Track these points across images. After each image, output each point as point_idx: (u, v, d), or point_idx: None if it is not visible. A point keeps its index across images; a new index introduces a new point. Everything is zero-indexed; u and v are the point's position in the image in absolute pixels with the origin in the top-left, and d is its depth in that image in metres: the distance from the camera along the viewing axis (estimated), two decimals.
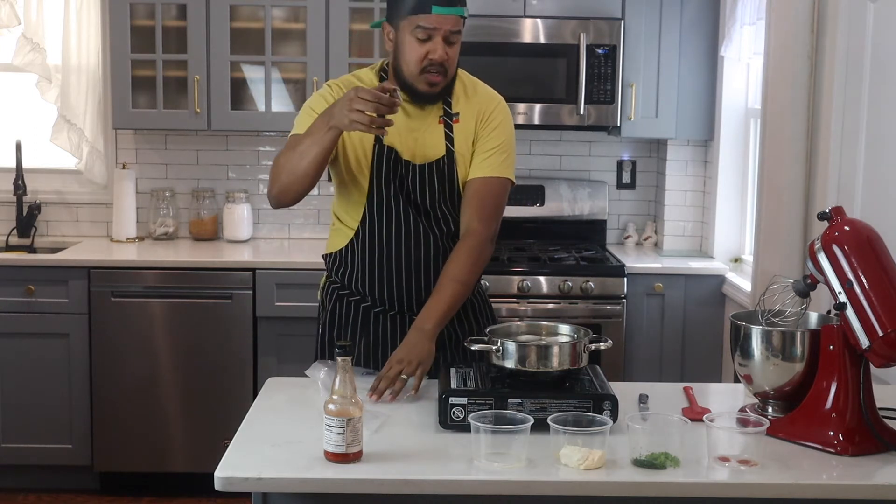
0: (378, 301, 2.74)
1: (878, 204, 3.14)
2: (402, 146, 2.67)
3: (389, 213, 2.68)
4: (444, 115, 2.70)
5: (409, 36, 2.60)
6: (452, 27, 2.60)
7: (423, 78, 2.62)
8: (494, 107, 2.75)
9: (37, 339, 4.32)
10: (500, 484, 1.98)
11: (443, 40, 2.59)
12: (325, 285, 2.88)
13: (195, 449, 4.34)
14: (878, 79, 3.17)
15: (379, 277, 2.72)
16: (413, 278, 2.71)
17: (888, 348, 2.11)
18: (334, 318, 2.80)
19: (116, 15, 4.53)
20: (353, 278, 2.76)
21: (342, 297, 2.80)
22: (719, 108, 4.61)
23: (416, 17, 2.58)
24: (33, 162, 4.83)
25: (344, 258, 2.77)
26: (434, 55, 2.59)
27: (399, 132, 2.64)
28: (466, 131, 2.71)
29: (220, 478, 1.97)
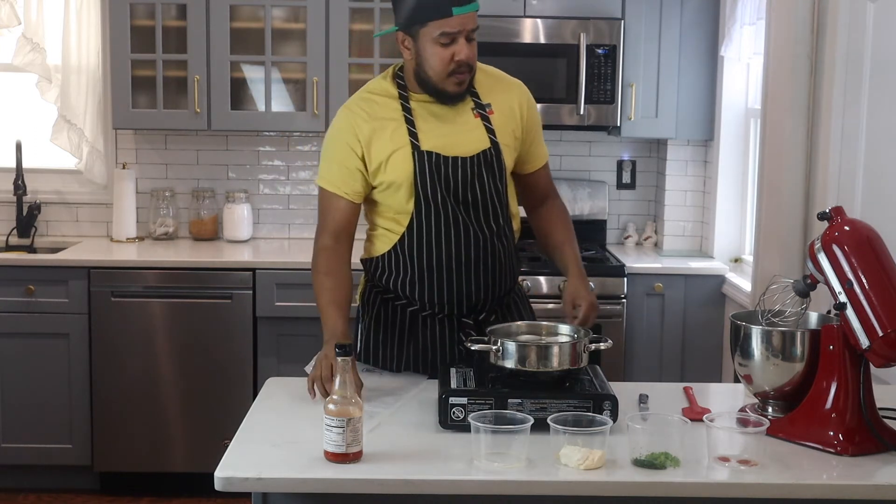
0: (427, 304, 2.71)
1: (878, 204, 3.14)
2: (442, 147, 2.63)
3: (438, 216, 2.65)
4: (477, 108, 2.68)
5: (431, 43, 2.56)
6: (473, 25, 2.57)
7: (451, 80, 2.59)
8: (526, 93, 2.77)
9: (37, 339, 4.32)
10: (500, 484, 1.98)
11: (465, 39, 2.56)
12: (366, 290, 2.85)
13: (195, 449, 4.34)
14: (878, 79, 3.17)
15: (429, 281, 2.69)
16: (464, 280, 2.68)
17: (888, 348, 2.11)
18: (379, 323, 2.77)
19: (116, 15, 4.53)
20: (399, 282, 2.73)
21: (387, 301, 2.77)
22: (719, 108, 4.61)
23: (438, 23, 2.53)
24: (33, 162, 4.83)
25: (388, 263, 2.74)
26: (460, 56, 2.56)
27: (435, 136, 2.62)
28: (506, 121, 2.69)
29: (220, 478, 1.97)
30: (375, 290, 2.80)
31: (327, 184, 2.69)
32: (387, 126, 2.64)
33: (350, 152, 2.64)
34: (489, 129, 2.67)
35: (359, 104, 2.69)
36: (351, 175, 2.66)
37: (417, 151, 2.61)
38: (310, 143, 4.94)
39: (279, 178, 4.96)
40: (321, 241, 2.71)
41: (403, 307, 2.75)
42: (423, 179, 2.62)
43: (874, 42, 3.19)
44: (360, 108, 2.67)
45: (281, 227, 4.99)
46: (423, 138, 2.62)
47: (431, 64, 2.58)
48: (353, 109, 2.68)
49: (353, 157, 2.64)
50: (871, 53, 3.20)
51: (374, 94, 2.70)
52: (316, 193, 4.92)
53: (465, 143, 2.65)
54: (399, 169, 2.62)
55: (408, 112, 2.64)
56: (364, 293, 2.85)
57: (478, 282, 2.69)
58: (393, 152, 2.62)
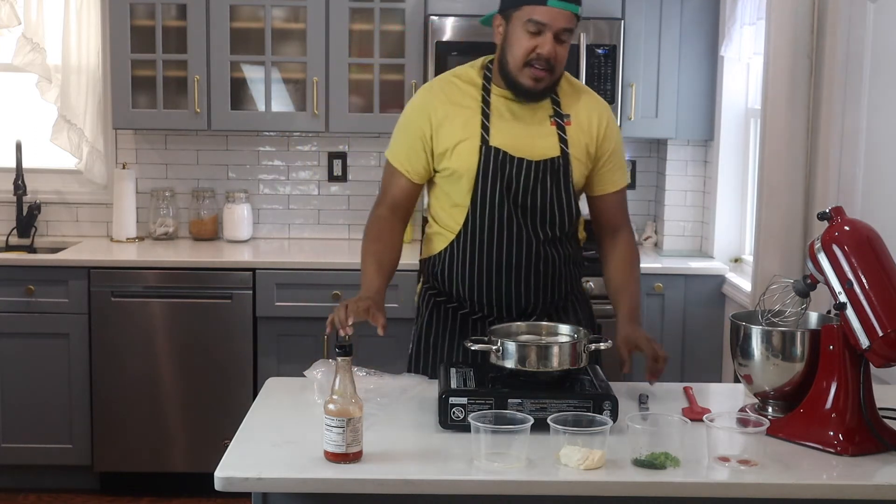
0: (477, 306, 2.71)
1: (878, 204, 3.14)
2: (511, 146, 2.61)
3: (492, 215, 2.64)
4: (555, 116, 2.65)
5: (519, 28, 2.54)
6: (566, 24, 2.54)
7: (527, 72, 2.56)
8: (609, 113, 2.73)
9: (37, 339, 4.32)
10: (500, 484, 1.98)
11: (553, 37, 2.53)
12: (422, 291, 2.84)
13: (195, 449, 4.34)
14: (878, 79, 3.17)
15: (479, 282, 2.68)
16: (513, 283, 2.67)
17: (888, 348, 2.11)
18: (431, 325, 2.77)
19: (116, 15, 4.53)
20: (452, 283, 2.72)
21: (439, 303, 2.77)
22: (719, 108, 4.61)
23: (530, 9, 2.52)
24: (33, 162, 4.83)
25: (443, 262, 2.73)
26: (542, 49, 2.53)
27: (506, 134, 2.61)
28: (581, 135, 2.66)
29: (220, 478, 1.97)
30: (430, 292, 2.80)
31: (393, 158, 2.72)
32: (461, 113, 2.64)
33: (419, 133, 2.66)
34: (562, 138, 2.64)
35: (441, 85, 2.70)
36: (416, 155, 2.67)
37: (485, 146, 2.61)
38: (310, 143, 4.94)
39: (279, 178, 4.96)
40: (377, 210, 2.75)
41: (455, 310, 2.74)
42: (485, 175, 2.61)
43: (874, 42, 3.19)
44: (440, 90, 2.69)
45: (281, 227, 4.99)
46: (493, 133, 2.61)
47: (513, 50, 2.56)
48: (433, 90, 2.70)
49: (421, 138, 2.66)
50: (871, 53, 3.20)
51: (459, 78, 2.70)
52: (316, 193, 4.96)
53: (535, 147, 2.63)
54: (463, 159, 2.62)
55: (486, 104, 2.63)
56: (420, 295, 2.85)
57: (528, 286, 2.67)
58: (461, 141, 2.62)
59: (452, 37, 4.45)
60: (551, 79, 2.59)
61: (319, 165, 4.95)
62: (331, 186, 4.96)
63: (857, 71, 3.27)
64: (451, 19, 4.45)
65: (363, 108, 4.61)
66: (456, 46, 4.45)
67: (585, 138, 2.67)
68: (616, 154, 2.74)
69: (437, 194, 2.74)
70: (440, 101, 2.66)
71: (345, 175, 4.95)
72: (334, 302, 4.30)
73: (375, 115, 4.59)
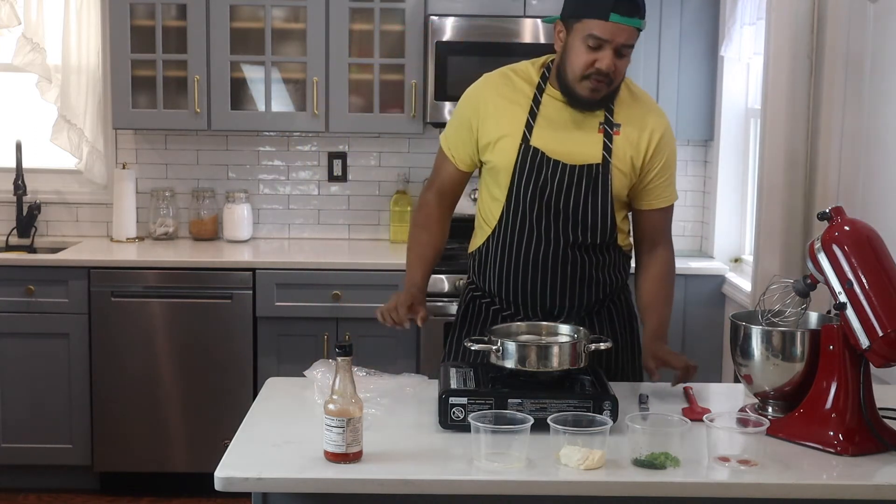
0: (506, 304, 2.72)
1: (878, 204, 3.14)
2: (550, 148, 2.60)
3: (524, 214, 2.64)
4: (605, 124, 2.62)
5: (579, 41, 2.52)
6: (626, 40, 2.51)
7: (585, 84, 2.54)
8: (665, 129, 2.68)
9: (37, 339, 4.32)
10: (500, 484, 1.98)
11: (613, 51, 2.51)
12: (465, 288, 2.88)
13: (195, 449, 4.34)
14: (878, 79, 3.17)
15: (507, 279, 2.69)
16: (538, 284, 2.67)
17: (888, 348, 2.11)
18: (465, 319, 2.79)
19: (116, 15, 4.53)
20: (486, 279, 2.75)
21: (475, 298, 2.79)
22: (719, 108, 4.61)
23: (590, 23, 2.49)
24: (33, 162, 4.83)
25: (482, 257, 2.75)
26: (601, 64, 2.50)
27: (549, 136, 2.60)
28: (628, 146, 2.62)
29: (220, 478, 1.97)
30: (470, 286, 2.83)
31: (444, 142, 2.77)
32: (509, 109, 2.64)
33: (467, 121, 2.69)
34: (607, 146, 2.61)
35: (497, 78, 2.72)
36: (463, 142, 2.71)
37: (525, 144, 2.61)
38: (310, 143, 4.94)
39: (279, 178, 4.96)
40: (426, 195, 2.83)
41: (488, 306, 2.76)
42: (521, 174, 2.62)
43: (874, 42, 3.19)
44: (494, 83, 2.70)
45: (281, 227, 4.99)
46: (536, 133, 2.61)
47: (572, 61, 2.55)
48: (489, 82, 2.72)
49: (468, 128, 2.69)
50: (871, 53, 3.20)
51: (516, 74, 2.70)
52: (316, 193, 4.96)
53: (575, 152, 2.61)
54: (503, 155, 2.63)
55: (536, 104, 2.63)
56: (462, 292, 2.89)
57: (554, 288, 2.67)
58: (503, 136, 2.63)
59: (452, 37, 4.45)
60: (608, 90, 2.57)
61: (319, 165, 4.95)
62: (331, 186, 4.96)
63: (857, 71, 3.27)
64: (451, 19, 4.45)
65: (363, 108, 4.61)
66: (456, 46, 4.45)
67: (632, 150, 2.63)
68: (666, 170, 2.69)
69: (483, 186, 2.76)
70: (492, 93, 2.67)
71: (345, 175, 4.95)
72: (334, 302, 4.31)
73: (375, 115, 4.59)
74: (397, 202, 4.86)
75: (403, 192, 4.88)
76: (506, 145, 2.63)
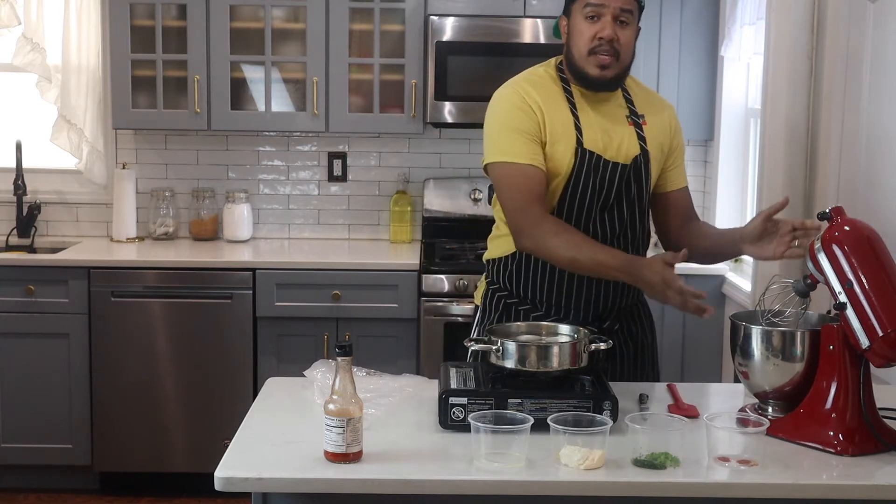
0: (553, 309, 2.66)
1: (878, 204, 3.14)
2: (602, 148, 2.58)
3: (579, 219, 2.59)
4: (631, 115, 2.64)
5: (579, 17, 2.55)
6: (623, 5, 2.52)
7: (592, 60, 2.54)
8: (675, 114, 2.75)
9: (37, 339, 4.32)
10: (500, 484, 1.98)
11: (612, 19, 2.52)
12: (488, 291, 2.77)
13: (195, 449, 4.34)
14: (878, 79, 3.17)
15: (558, 285, 2.63)
16: (593, 287, 2.63)
17: (888, 348, 2.11)
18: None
19: (116, 15, 4.54)
20: (528, 286, 2.67)
21: (510, 306, 2.71)
22: (719, 108, 4.61)
23: None
24: (33, 162, 4.83)
25: (518, 265, 2.67)
26: (602, 33, 2.51)
27: (596, 134, 2.58)
28: (655, 135, 2.66)
29: (220, 478, 1.97)
30: (499, 294, 2.74)
31: (513, 156, 2.55)
32: (554, 107, 2.59)
33: (529, 121, 2.56)
34: (641, 136, 2.63)
35: (526, 82, 2.63)
36: (536, 144, 2.55)
37: (580, 148, 2.57)
38: (310, 143, 4.94)
39: (279, 178, 4.96)
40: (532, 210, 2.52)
41: (527, 312, 2.69)
42: (578, 180, 2.58)
43: (874, 42, 3.19)
44: (528, 85, 2.62)
45: (281, 227, 4.99)
46: (585, 132, 2.58)
47: (576, 41, 2.56)
48: (521, 85, 2.62)
49: (533, 126, 2.56)
50: (871, 53, 3.20)
51: (539, 78, 2.65)
52: (316, 193, 4.96)
53: (622, 147, 2.60)
54: (560, 161, 2.57)
55: (569, 94, 2.61)
56: (485, 295, 2.78)
57: (607, 290, 2.64)
58: (560, 139, 2.57)
59: (452, 37, 4.45)
60: (619, 66, 2.57)
61: (319, 165, 4.95)
62: (331, 186, 4.96)
63: (857, 71, 3.27)
64: (451, 19, 4.45)
65: (363, 108, 4.62)
66: (456, 46, 4.45)
67: (661, 137, 2.68)
68: (683, 151, 2.78)
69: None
70: (536, 94, 2.59)
71: (345, 175, 4.95)
72: (334, 302, 4.31)
73: (375, 115, 4.59)
74: (397, 202, 4.86)
75: (403, 192, 4.88)
76: (562, 150, 2.57)
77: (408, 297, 4.31)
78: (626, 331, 2.72)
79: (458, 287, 4.28)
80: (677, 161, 2.75)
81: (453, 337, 4.21)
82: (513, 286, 2.71)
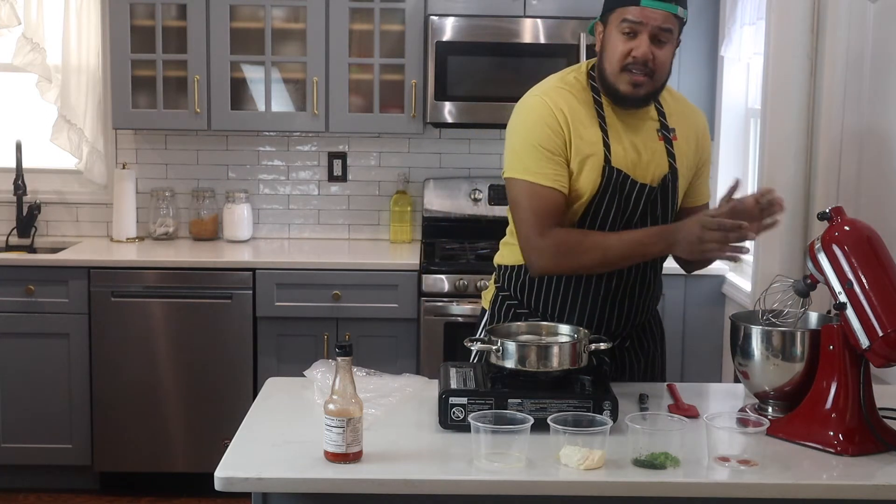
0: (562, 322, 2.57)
1: (878, 204, 3.14)
2: (630, 167, 2.50)
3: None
4: (662, 129, 2.56)
5: (615, 31, 2.45)
6: (662, 24, 2.42)
7: (624, 77, 2.45)
8: (706, 123, 2.68)
9: (37, 339, 4.32)
10: (500, 484, 1.98)
11: (650, 38, 2.43)
12: (497, 296, 2.72)
13: (195, 449, 4.34)
14: (878, 79, 3.17)
15: (572, 303, 2.58)
16: (607, 307, 2.59)
17: (888, 348, 2.11)
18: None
19: (116, 15, 4.54)
20: (540, 300, 2.62)
21: (519, 315, 2.65)
22: (719, 108, 4.61)
23: (623, 10, 2.43)
24: (33, 162, 4.83)
25: (532, 279, 2.61)
26: (637, 52, 2.42)
27: (625, 152, 2.50)
28: (685, 150, 2.59)
29: (220, 478, 1.97)
30: (508, 301, 2.69)
31: (533, 176, 2.46)
32: (584, 122, 2.49)
33: (555, 139, 2.46)
34: (670, 153, 2.56)
35: (557, 93, 2.51)
36: (559, 165, 2.46)
37: (608, 167, 2.48)
38: (310, 143, 4.94)
39: (279, 178, 4.96)
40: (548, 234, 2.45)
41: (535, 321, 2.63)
42: (603, 199, 2.50)
43: (874, 42, 3.19)
44: (559, 98, 2.50)
45: (281, 227, 4.99)
46: (614, 149, 2.48)
47: (609, 54, 2.47)
48: (553, 97, 2.50)
49: (559, 145, 2.47)
50: (871, 53, 3.20)
51: (569, 86, 2.53)
52: (316, 193, 4.96)
53: (650, 167, 2.53)
54: (586, 179, 2.48)
55: (599, 107, 2.51)
56: (494, 301, 2.73)
57: (621, 309, 2.61)
58: (588, 157, 2.47)
59: (452, 37, 4.45)
60: (652, 85, 2.48)
61: (319, 165, 4.95)
62: (331, 186, 4.96)
63: (857, 71, 3.27)
64: (451, 19, 4.45)
65: (363, 108, 4.62)
66: (456, 46, 4.45)
67: (689, 152, 2.61)
68: (708, 165, 2.71)
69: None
70: (566, 109, 2.49)
71: (345, 175, 4.95)
72: (334, 302, 4.30)
73: (375, 115, 4.59)
74: (397, 202, 4.86)
75: (403, 192, 4.88)
76: (590, 167, 2.48)
77: (408, 297, 4.31)
78: (638, 346, 2.70)
79: (458, 287, 4.28)
80: (703, 174, 2.68)
81: (453, 337, 4.21)
82: (524, 297, 2.66)
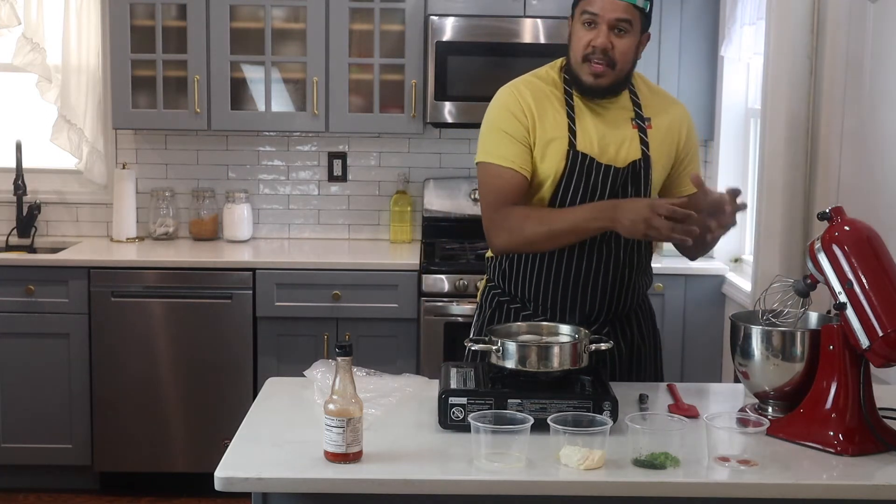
0: (541, 310, 2.67)
1: (878, 204, 3.14)
2: (597, 151, 2.57)
3: None
4: (637, 119, 2.62)
5: (577, 23, 2.54)
6: (620, 14, 2.49)
7: (585, 67, 2.53)
8: (689, 117, 2.71)
9: (37, 339, 4.32)
10: (500, 484, 1.98)
11: (609, 28, 2.50)
12: (486, 289, 2.80)
13: (195, 449, 4.34)
14: (878, 79, 3.17)
15: (546, 286, 2.64)
16: (580, 290, 2.63)
17: (888, 348, 2.11)
18: (492, 325, 2.70)
19: (116, 15, 4.54)
20: (517, 285, 2.69)
21: (502, 303, 2.73)
22: (719, 108, 4.61)
23: (585, 2, 2.52)
24: (33, 162, 4.83)
25: (511, 263, 2.68)
26: (596, 41, 2.50)
27: (591, 137, 2.57)
28: (662, 138, 2.63)
29: (220, 478, 1.97)
30: (494, 291, 2.76)
31: (497, 160, 2.56)
32: (549, 110, 2.58)
33: (517, 124, 2.57)
34: (644, 140, 2.61)
35: (524, 84, 2.63)
36: (520, 148, 2.56)
37: (573, 150, 2.56)
38: (310, 143, 4.94)
39: (279, 178, 4.96)
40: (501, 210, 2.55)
41: (517, 311, 2.70)
42: (569, 182, 2.57)
43: (874, 42, 3.19)
44: (525, 87, 2.61)
45: (281, 227, 4.99)
46: (580, 135, 2.56)
47: (573, 45, 2.56)
48: (518, 87, 2.62)
49: (521, 129, 2.56)
50: (871, 53, 3.20)
51: (540, 79, 2.64)
52: (316, 193, 4.96)
53: (619, 151, 2.58)
54: (551, 162, 2.56)
55: (570, 107, 2.59)
56: (483, 293, 2.81)
57: (594, 293, 2.64)
58: (551, 141, 2.56)
59: (452, 37, 4.45)
60: (614, 75, 2.54)
61: (319, 165, 4.95)
62: (331, 186, 4.96)
63: (857, 71, 3.27)
64: (451, 19, 4.45)
65: (363, 108, 4.62)
66: (456, 46, 4.45)
67: (667, 142, 2.64)
68: (696, 156, 2.73)
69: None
70: (529, 95, 2.59)
71: (345, 175, 4.95)
72: (334, 302, 4.30)
73: (375, 115, 4.59)
74: (397, 202, 4.86)
75: (403, 192, 4.88)
76: (554, 151, 2.56)
77: (408, 297, 4.31)
78: (620, 333, 2.70)
79: (458, 287, 4.28)
80: (690, 162, 2.71)
81: (453, 337, 4.21)
82: (505, 283, 2.73)
